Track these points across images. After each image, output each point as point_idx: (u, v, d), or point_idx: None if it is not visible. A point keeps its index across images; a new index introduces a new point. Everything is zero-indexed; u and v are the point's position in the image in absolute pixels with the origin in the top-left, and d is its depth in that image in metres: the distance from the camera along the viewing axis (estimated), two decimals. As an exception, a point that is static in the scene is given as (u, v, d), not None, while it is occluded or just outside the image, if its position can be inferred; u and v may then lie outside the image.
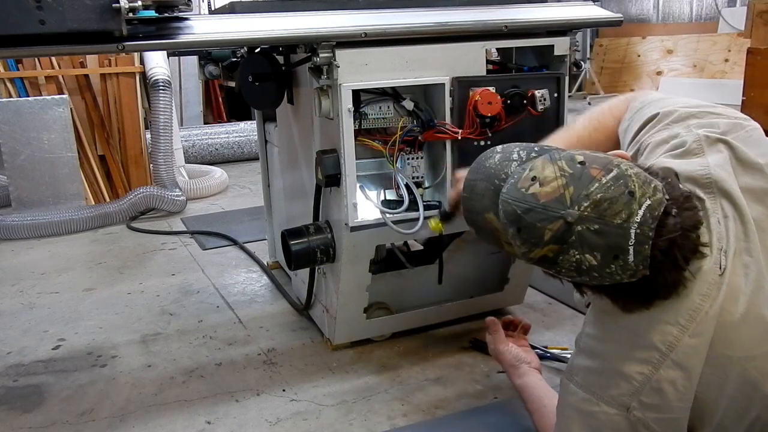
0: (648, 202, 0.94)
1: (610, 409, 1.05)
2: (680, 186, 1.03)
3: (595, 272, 0.96)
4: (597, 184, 0.95)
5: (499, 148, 1.15)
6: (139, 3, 1.28)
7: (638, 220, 0.93)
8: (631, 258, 0.94)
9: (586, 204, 0.94)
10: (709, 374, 1.00)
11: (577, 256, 0.95)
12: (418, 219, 1.60)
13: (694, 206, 1.01)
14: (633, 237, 0.93)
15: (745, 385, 1.00)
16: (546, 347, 1.77)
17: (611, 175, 0.96)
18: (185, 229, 3.27)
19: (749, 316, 0.99)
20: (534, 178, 0.99)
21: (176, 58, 5.41)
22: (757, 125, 1.13)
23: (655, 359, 1.01)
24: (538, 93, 1.63)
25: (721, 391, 1.01)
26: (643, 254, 0.94)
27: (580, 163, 0.98)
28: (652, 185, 0.96)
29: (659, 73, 8.12)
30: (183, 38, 1.42)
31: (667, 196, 0.97)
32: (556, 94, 1.67)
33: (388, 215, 1.59)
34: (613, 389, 1.05)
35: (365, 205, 1.63)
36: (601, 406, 1.06)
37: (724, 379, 1.00)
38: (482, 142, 1.62)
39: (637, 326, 1.03)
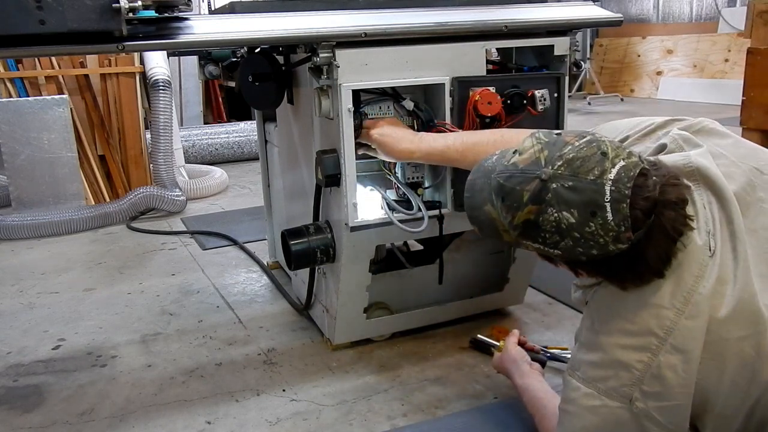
0: (622, 162, 0.98)
1: (613, 403, 1.05)
2: (667, 167, 1.05)
3: (576, 232, 0.98)
4: (570, 147, 1.00)
5: (497, 151, 1.19)
6: (139, 3, 1.28)
7: (612, 177, 0.96)
8: (609, 216, 0.96)
9: (559, 163, 0.99)
10: (708, 361, 1.01)
11: (556, 215, 0.98)
12: (419, 218, 1.60)
13: (680, 183, 1.03)
14: (608, 193, 0.96)
15: (744, 367, 1.01)
16: (546, 347, 1.77)
17: (585, 139, 1.01)
18: (185, 229, 3.27)
19: (742, 299, 1.00)
20: (515, 152, 1.07)
21: (176, 58, 5.41)
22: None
23: (654, 345, 1.01)
24: (538, 93, 1.63)
25: (721, 376, 1.01)
26: (622, 213, 0.96)
27: (557, 133, 1.05)
28: (627, 150, 1.00)
29: (659, 73, 8.12)
30: (183, 38, 1.42)
31: (645, 165, 0.99)
32: (556, 94, 1.68)
33: (394, 215, 1.60)
34: (613, 380, 1.05)
35: (365, 205, 1.63)
36: (603, 400, 1.06)
37: (723, 363, 1.01)
38: (482, 142, 1.62)
39: (633, 314, 1.04)
